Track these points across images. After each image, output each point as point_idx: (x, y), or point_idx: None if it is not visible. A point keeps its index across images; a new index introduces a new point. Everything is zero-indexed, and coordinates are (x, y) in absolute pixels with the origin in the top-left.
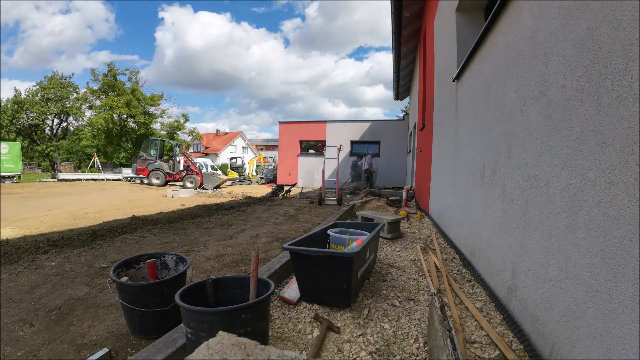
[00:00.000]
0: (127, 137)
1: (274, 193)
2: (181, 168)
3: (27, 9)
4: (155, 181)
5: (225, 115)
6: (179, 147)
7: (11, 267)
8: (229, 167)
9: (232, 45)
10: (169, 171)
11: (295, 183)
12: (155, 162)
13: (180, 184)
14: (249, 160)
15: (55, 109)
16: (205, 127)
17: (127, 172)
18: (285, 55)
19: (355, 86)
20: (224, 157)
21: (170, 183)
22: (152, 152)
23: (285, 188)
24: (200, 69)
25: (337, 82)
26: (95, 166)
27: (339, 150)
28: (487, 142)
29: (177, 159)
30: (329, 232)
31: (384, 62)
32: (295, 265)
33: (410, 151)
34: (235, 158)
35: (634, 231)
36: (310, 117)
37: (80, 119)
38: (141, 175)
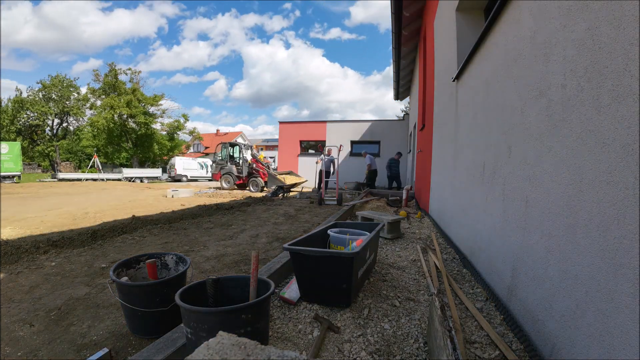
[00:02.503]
0: (127, 137)
1: (274, 193)
2: (246, 172)
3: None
4: (225, 185)
5: (274, 122)
6: (245, 149)
7: (11, 267)
8: None
9: (324, 79)
10: (238, 174)
11: (295, 184)
12: (226, 166)
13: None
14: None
15: (55, 109)
16: (245, 127)
17: (127, 172)
18: (357, 82)
19: (389, 102)
20: None
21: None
22: (224, 156)
23: (285, 187)
24: (270, 88)
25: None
26: (95, 166)
27: (339, 150)
28: (487, 142)
29: (242, 161)
30: (329, 232)
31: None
32: (295, 265)
33: (410, 151)
34: None
35: (634, 231)
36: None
37: (81, 119)
38: (141, 176)
